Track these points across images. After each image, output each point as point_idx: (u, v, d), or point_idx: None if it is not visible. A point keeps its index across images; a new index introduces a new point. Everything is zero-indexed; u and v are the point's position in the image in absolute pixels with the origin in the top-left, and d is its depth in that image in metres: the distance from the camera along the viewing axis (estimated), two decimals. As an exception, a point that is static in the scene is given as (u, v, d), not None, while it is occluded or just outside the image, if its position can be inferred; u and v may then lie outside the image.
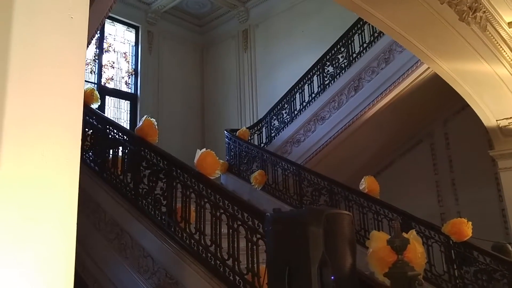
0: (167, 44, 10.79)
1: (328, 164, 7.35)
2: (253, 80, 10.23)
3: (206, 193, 3.86)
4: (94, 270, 4.35)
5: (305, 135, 7.63)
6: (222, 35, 11.14)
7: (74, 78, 1.24)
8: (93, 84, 9.38)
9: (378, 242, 2.81)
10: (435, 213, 7.51)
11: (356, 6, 4.13)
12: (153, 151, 4.39)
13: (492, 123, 6.09)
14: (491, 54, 4.92)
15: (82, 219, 4.52)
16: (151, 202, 4.21)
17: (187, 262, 3.74)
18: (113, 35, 10.14)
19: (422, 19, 4.28)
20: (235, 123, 9.88)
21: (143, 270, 3.97)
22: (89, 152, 5.05)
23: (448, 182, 7.73)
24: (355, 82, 7.11)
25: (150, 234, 4.05)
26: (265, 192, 6.87)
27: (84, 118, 4.98)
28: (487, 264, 4.80)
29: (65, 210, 1.16)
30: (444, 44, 4.74)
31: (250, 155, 7.46)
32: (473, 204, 7.18)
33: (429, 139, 8.07)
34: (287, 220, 2.48)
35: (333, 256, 2.27)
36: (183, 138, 10.15)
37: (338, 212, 2.60)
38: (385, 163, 8.31)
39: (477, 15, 4.19)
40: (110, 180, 4.67)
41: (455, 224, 4.93)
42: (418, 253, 2.78)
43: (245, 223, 3.56)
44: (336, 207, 6.04)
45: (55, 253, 1.13)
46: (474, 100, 5.81)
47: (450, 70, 5.23)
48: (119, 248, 4.25)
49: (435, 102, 7.46)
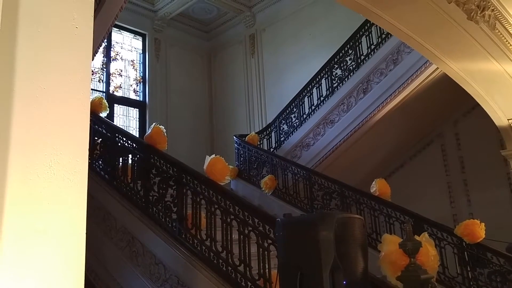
0: (174, 50, 10.84)
1: (338, 167, 7.32)
2: (261, 84, 10.23)
3: (216, 199, 3.86)
4: (106, 278, 4.36)
5: (315, 139, 7.60)
6: (229, 40, 11.17)
7: (80, 88, 1.24)
8: (102, 93, 9.44)
9: (390, 245, 2.79)
10: (447, 214, 7.43)
11: (363, 8, 4.11)
12: (162, 158, 4.40)
13: (504, 122, 6.02)
14: (501, 53, 4.87)
15: (93, 227, 4.54)
16: (162, 209, 4.22)
17: (199, 268, 3.74)
18: (120, 43, 10.21)
19: (430, 19, 4.25)
20: (244, 128, 9.88)
21: (155, 278, 3.97)
22: (99, 160, 5.07)
23: (460, 183, 7.65)
24: (363, 85, 7.08)
25: (161, 241, 4.05)
26: (276, 197, 6.85)
27: (93, 126, 5.02)
28: (501, 266, 4.75)
29: (74, 221, 1.15)
30: (453, 43, 4.70)
31: (259, 160, 7.45)
32: (485, 204, 7.09)
33: (439, 140, 7.99)
34: (297, 225, 2.46)
35: (345, 260, 2.25)
36: (192, 144, 10.17)
37: (349, 216, 2.58)
38: (396, 165, 8.25)
39: (486, 14, 4.15)
40: (120, 188, 4.69)
41: (467, 226, 4.88)
42: (430, 256, 2.75)
43: (255, 229, 3.56)
44: (347, 210, 6.00)
45: (64, 264, 1.12)
46: (485, 99, 5.75)
47: (459, 70, 5.18)
48: (130, 255, 4.25)
49: (445, 102, 7.40)
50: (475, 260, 4.90)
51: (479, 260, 4.87)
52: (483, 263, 4.85)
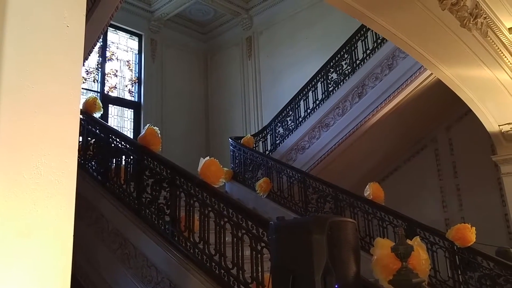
0: (170, 52, 10.83)
1: (333, 171, 7.33)
2: (257, 87, 10.24)
3: (210, 202, 3.85)
4: (97, 280, 4.33)
5: (310, 142, 7.61)
6: (225, 42, 11.18)
7: (70, 87, 1.22)
8: (96, 93, 9.40)
9: (382, 249, 2.79)
10: (440, 218, 7.49)
11: (359, 13, 4.14)
12: (156, 160, 4.39)
13: (495, 128, 6.08)
14: (493, 60, 4.91)
15: (85, 229, 4.52)
16: (155, 211, 4.20)
17: (191, 271, 3.72)
18: (116, 44, 10.18)
19: (424, 25, 4.28)
20: (239, 131, 9.88)
21: (147, 280, 3.95)
22: (92, 161, 5.05)
23: (453, 187, 7.71)
24: (359, 89, 7.11)
25: (154, 243, 4.03)
26: (270, 199, 6.86)
27: (87, 127, 5.00)
28: (491, 269, 4.79)
29: (61, 223, 1.13)
30: (446, 50, 4.73)
31: (255, 163, 7.46)
32: (477, 209, 7.16)
33: (433, 145, 8.04)
34: (290, 228, 2.47)
35: (337, 264, 2.25)
36: (187, 146, 10.15)
37: (342, 219, 2.59)
38: (390, 169, 8.29)
39: (478, 21, 4.18)
40: (113, 190, 4.67)
41: (459, 230, 4.91)
42: (422, 260, 2.76)
43: (249, 232, 3.55)
44: (341, 214, 6.02)
45: (49, 269, 1.10)
46: (477, 105, 5.80)
47: (452, 76, 5.22)
48: (122, 258, 4.23)
49: (438, 107, 7.44)
50: (466, 263, 4.94)
51: (470, 263, 4.92)
52: (473, 266, 4.89)
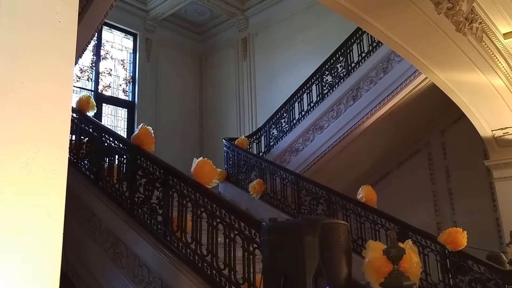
0: (165, 51, 10.80)
1: (326, 173, 7.34)
2: (252, 88, 10.23)
3: (202, 202, 3.84)
4: (88, 279, 4.31)
5: (304, 144, 7.62)
6: (221, 43, 11.16)
7: (62, 84, 1.21)
8: (90, 92, 9.34)
9: (374, 252, 2.79)
10: (432, 222, 7.51)
11: (355, 15, 4.15)
12: (149, 160, 4.37)
13: (488, 133, 6.12)
14: (487, 65, 4.94)
15: (77, 228, 4.50)
16: (147, 211, 4.19)
17: (183, 271, 3.71)
18: (111, 42, 10.14)
19: (419, 29, 4.30)
20: (234, 132, 9.86)
21: (138, 280, 3.94)
22: (85, 160, 5.02)
23: (445, 191, 7.74)
24: (353, 92, 7.13)
25: (146, 243, 4.02)
26: (264, 201, 6.85)
27: (79, 125, 4.97)
28: (481, 273, 4.83)
29: (51, 221, 1.11)
30: (441, 54, 4.75)
31: (248, 164, 7.45)
32: (468, 213, 7.20)
33: (426, 149, 8.07)
34: (282, 230, 2.46)
35: (329, 266, 2.25)
36: (181, 146, 10.12)
37: (334, 221, 2.58)
38: (383, 173, 8.31)
39: (473, 26, 4.21)
40: (105, 189, 4.65)
41: (450, 234, 4.94)
42: (413, 263, 2.76)
43: (241, 233, 3.55)
44: (334, 216, 6.02)
45: (39, 265, 1.09)
46: (470, 110, 5.83)
47: (447, 80, 5.25)
48: (114, 257, 4.21)
49: (432, 112, 7.48)
50: (456, 267, 4.97)
51: (461, 267, 4.95)
52: (464, 270, 4.93)
